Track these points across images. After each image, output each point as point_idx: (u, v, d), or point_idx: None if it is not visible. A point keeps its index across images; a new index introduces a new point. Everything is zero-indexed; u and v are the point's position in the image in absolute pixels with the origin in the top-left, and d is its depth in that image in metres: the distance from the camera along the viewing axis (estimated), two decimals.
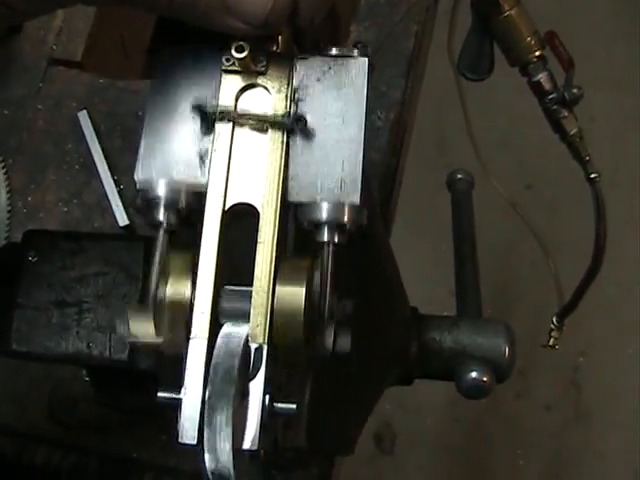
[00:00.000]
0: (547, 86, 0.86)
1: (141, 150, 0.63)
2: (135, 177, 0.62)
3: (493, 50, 0.88)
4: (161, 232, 0.60)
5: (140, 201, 0.62)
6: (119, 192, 1.07)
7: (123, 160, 1.09)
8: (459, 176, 1.08)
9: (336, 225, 0.60)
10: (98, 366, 0.77)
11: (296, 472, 0.98)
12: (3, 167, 1.09)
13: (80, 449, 1.03)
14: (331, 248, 0.59)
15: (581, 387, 2.22)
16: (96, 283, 0.75)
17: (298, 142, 0.61)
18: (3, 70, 1.14)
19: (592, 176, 0.87)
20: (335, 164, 0.61)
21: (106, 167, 1.09)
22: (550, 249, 1.04)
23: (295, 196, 0.61)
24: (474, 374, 0.85)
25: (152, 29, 0.70)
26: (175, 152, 0.62)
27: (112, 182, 1.08)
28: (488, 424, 2.18)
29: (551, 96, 0.86)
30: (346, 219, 0.60)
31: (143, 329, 0.57)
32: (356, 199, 0.60)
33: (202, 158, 0.61)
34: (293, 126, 0.60)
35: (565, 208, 2.28)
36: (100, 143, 1.10)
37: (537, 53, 0.86)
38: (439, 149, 2.31)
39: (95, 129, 1.10)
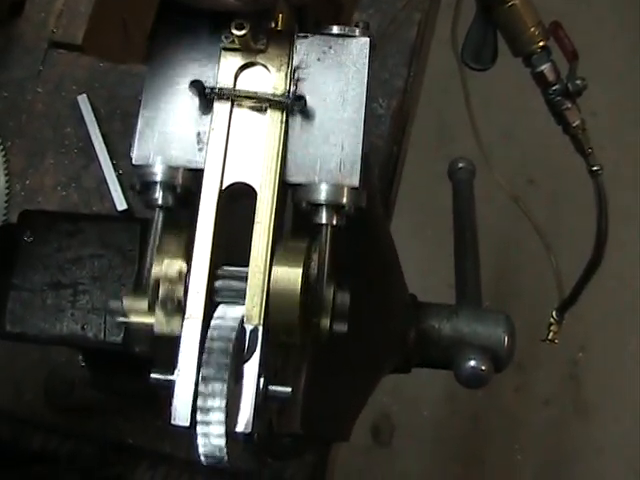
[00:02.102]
0: (550, 77, 0.85)
1: (138, 128, 0.62)
2: (132, 155, 0.61)
3: (497, 40, 0.88)
4: (157, 211, 0.60)
5: (137, 180, 0.61)
6: (118, 176, 1.07)
7: (123, 144, 1.08)
8: (460, 165, 1.08)
9: (335, 207, 0.59)
10: (93, 349, 0.76)
11: (291, 460, 0.98)
12: (2, 150, 1.09)
13: (76, 434, 1.03)
14: (329, 230, 0.59)
15: (580, 381, 2.21)
16: (92, 265, 0.74)
17: (297, 122, 0.61)
18: (3, 52, 1.13)
19: (594, 169, 0.87)
20: (335, 145, 0.60)
21: (105, 151, 1.08)
22: (551, 243, 1.03)
23: (293, 177, 0.60)
24: (473, 362, 0.85)
25: (154, 13, 0.70)
26: (172, 131, 0.61)
27: (111, 166, 1.07)
28: (486, 418, 2.18)
29: (554, 87, 0.85)
30: (345, 201, 0.59)
31: (137, 307, 0.57)
32: (355, 181, 0.60)
33: (200, 138, 0.61)
34: (293, 106, 0.60)
35: (566, 202, 2.28)
36: (100, 127, 1.09)
37: (541, 44, 0.85)
38: (440, 141, 2.30)
39: (95, 113, 1.10)
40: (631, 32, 2.48)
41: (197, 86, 0.61)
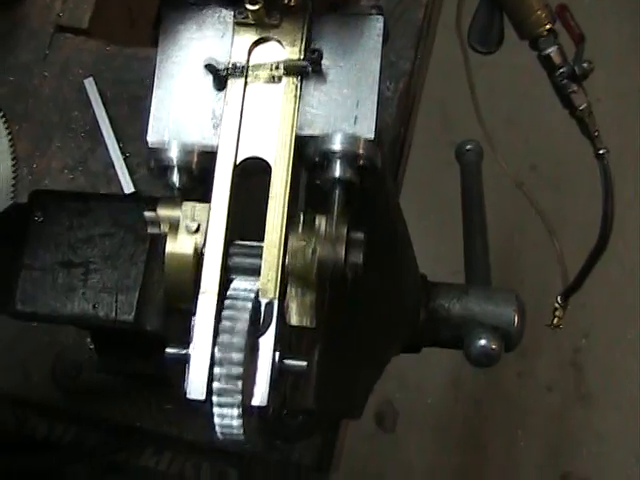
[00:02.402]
0: (557, 60, 0.85)
1: (152, 110, 0.62)
2: (147, 138, 0.61)
3: (503, 23, 0.88)
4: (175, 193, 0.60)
5: (153, 163, 0.61)
6: (125, 160, 1.07)
7: (129, 128, 1.08)
8: (468, 147, 1.08)
9: (349, 158, 0.58)
10: (103, 328, 0.76)
11: (299, 443, 0.98)
12: (9, 134, 1.09)
13: (82, 418, 1.03)
14: (342, 188, 0.58)
15: (582, 368, 2.21)
16: (103, 244, 0.74)
17: (312, 85, 0.60)
18: (9, 37, 1.13)
19: (600, 152, 0.87)
20: (349, 104, 0.60)
21: (112, 135, 1.08)
22: (554, 229, 1.03)
23: (307, 129, 0.60)
24: (483, 341, 0.85)
25: None
26: (186, 112, 0.62)
27: (118, 149, 1.07)
28: (489, 404, 2.18)
29: (561, 70, 0.85)
30: (360, 151, 0.59)
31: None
32: (371, 133, 0.59)
33: (214, 117, 0.61)
34: (309, 66, 0.59)
35: (569, 189, 2.28)
36: (106, 110, 1.09)
37: (547, 27, 0.85)
38: (443, 128, 2.30)
39: (101, 96, 1.10)
40: (635, 19, 2.48)
41: (211, 67, 0.61)
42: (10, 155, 1.08)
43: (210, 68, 0.61)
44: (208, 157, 0.60)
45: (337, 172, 0.59)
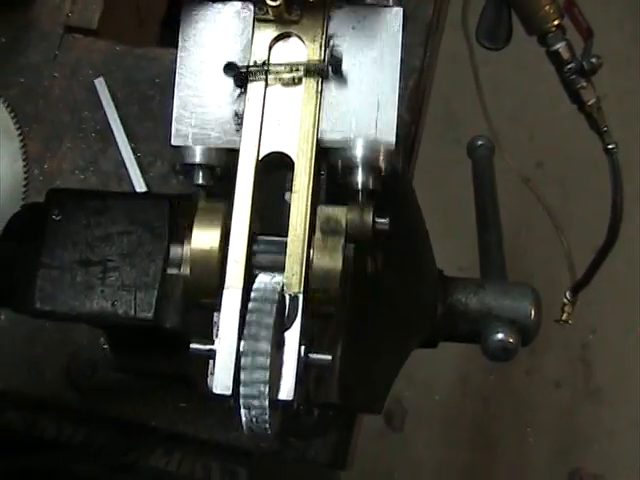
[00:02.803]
0: (565, 55, 0.85)
1: (174, 110, 0.63)
2: (171, 141, 0.62)
3: (511, 19, 0.88)
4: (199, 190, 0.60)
5: (179, 167, 0.62)
6: (136, 159, 1.07)
7: (140, 127, 1.09)
8: (480, 142, 1.08)
9: (371, 168, 0.59)
10: (121, 326, 0.76)
11: (314, 439, 0.98)
12: (20, 135, 1.09)
13: (94, 418, 1.03)
14: (366, 195, 0.58)
15: (591, 364, 2.21)
16: (121, 242, 0.74)
17: (332, 85, 0.61)
18: (19, 38, 1.13)
19: (609, 147, 0.87)
20: (370, 105, 0.60)
21: (123, 134, 1.08)
22: (561, 225, 1.03)
23: (328, 134, 0.60)
24: (500, 335, 0.85)
25: None
26: (209, 111, 0.62)
27: (129, 149, 1.07)
28: (498, 401, 2.18)
29: (569, 65, 0.85)
30: (381, 160, 0.59)
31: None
32: (392, 139, 0.60)
33: (237, 116, 0.61)
34: (328, 67, 0.59)
35: (575, 185, 2.28)
36: (117, 110, 1.09)
37: (555, 22, 0.85)
38: (450, 125, 2.29)
39: (112, 96, 1.10)
40: (638, 16, 2.48)
41: (231, 67, 0.61)
42: (21, 156, 1.08)
43: (230, 67, 0.61)
44: (232, 155, 0.60)
45: (359, 178, 0.59)
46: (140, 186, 1.06)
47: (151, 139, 1.08)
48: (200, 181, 0.60)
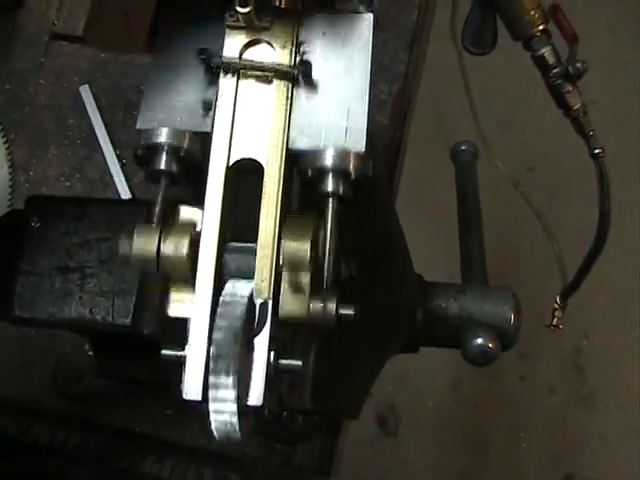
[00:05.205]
0: (551, 60, 0.85)
1: (144, 96, 0.63)
2: (137, 127, 0.62)
3: (496, 24, 0.88)
4: (162, 180, 0.60)
5: (141, 150, 0.61)
6: (121, 166, 1.07)
7: (125, 134, 1.09)
8: (463, 147, 1.08)
9: (341, 173, 0.59)
10: (101, 333, 0.76)
11: (300, 445, 0.98)
12: (5, 142, 1.09)
13: (85, 424, 1.03)
14: (336, 201, 0.59)
15: (584, 369, 2.21)
16: (99, 248, 0.74)
17: (302, 92, 0.61)
18: (5, 45, 1.13)
19: (596, 151, 0.87)
20: (340, 113, 0.60)
21: (108, 141, 1.08)
22: (552, 229, 1.03)
23: (299, 143, 0.60)
24: (480, 340, 0.85)
25: (154, 5, 0.70)
26: (179, 100, 0.62)
27: (114, 156, 1.08)
28: (491, 406, 2.18)
29: (555, 70, 0.85)
30: (351, 166, 0.59)
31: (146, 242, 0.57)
32: (361, 146, 0.60)
33: (205, 105, 0.61)
34: (298, 71, 0.60)
35: (565, 190, 2.28)
36: (102, 117, 1.09)
37: (541, 27, 0.85)
38: (440, 130, 2.30)
39: (97, 103, 1.10)
40: (629, 21, 2.48)
41: (203, 53, 0.61)
42: (7, 163, 1.08)
43: (203, 52, 0.61)
44: (197, 141, 0.60)
45: (329, 187, 0.59)
46: (125, 193, 1.06)
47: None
48: (162, 166, 0.60)
